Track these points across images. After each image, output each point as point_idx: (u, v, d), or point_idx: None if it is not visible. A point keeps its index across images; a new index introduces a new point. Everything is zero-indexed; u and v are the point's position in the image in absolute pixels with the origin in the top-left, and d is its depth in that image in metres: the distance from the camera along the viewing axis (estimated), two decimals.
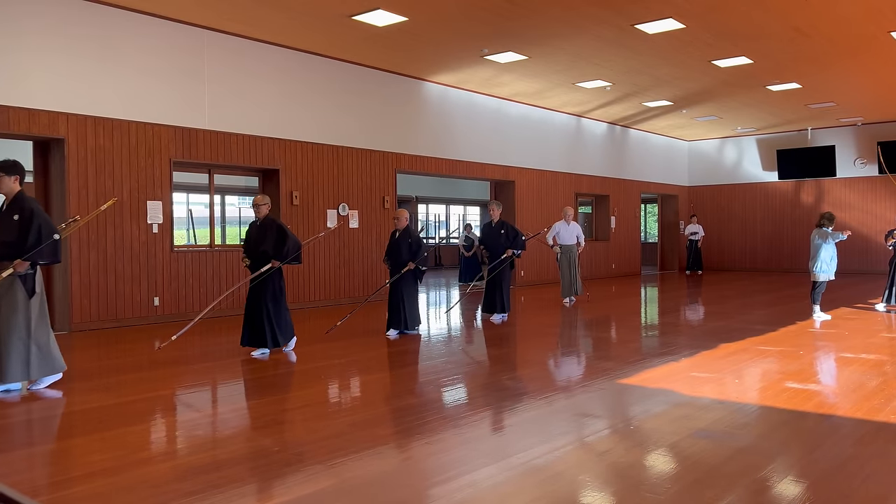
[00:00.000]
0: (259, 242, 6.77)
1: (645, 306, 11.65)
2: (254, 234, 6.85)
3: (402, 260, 7.89)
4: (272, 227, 6.82)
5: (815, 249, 8.90)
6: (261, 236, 6.78)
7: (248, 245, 6.90)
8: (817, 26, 9.57)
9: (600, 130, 17.30)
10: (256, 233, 6.83)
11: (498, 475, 3.40)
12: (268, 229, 6.80)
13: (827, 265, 8.86)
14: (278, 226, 6.83)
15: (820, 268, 8.86)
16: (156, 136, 9.05)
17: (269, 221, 6.87)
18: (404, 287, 7.85)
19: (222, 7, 8.68)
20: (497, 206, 9.66)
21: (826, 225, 8.86)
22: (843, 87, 13.59)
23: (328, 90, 11.02)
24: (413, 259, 7.86)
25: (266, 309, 6.70)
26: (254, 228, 6.91)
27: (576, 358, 6.57)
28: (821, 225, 8.90)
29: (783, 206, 19.41)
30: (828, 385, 5.52)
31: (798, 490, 3.20)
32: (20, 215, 4.99)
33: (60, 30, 8.14)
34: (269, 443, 3.96)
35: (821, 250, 8.82)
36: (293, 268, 10.63)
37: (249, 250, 6.85)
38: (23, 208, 5.01)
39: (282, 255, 6.70)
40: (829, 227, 8.87)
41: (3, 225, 4.96)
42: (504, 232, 9.44)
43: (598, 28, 9.55)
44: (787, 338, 7.61)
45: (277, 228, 6.80)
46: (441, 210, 23.90)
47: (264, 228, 6.82)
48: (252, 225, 6.98)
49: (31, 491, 3.21)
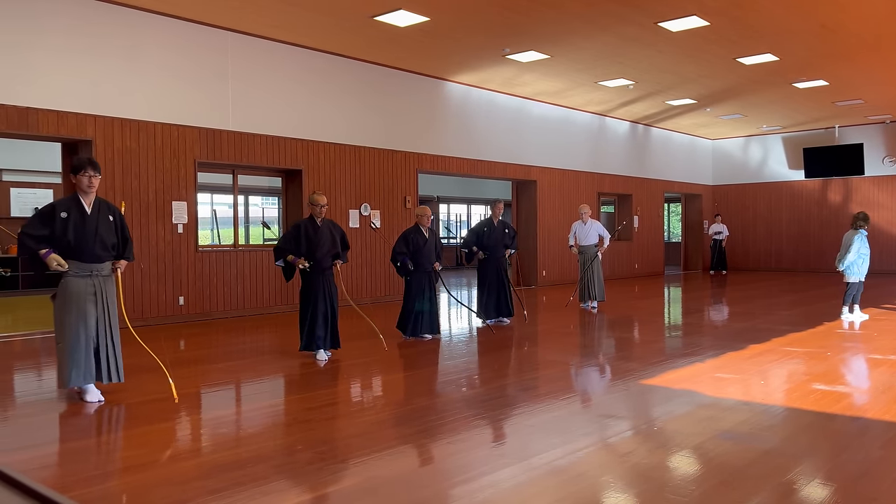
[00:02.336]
0: (322, 244, 6.38)
1: (668, 307, 11.55)
2: (312, 235, 6.39)
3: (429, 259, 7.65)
4: (336, 227, 6.58)
5: (845, 249, 8.70)
6: (324, 237, 6.42)
7: (307, 246, 6.37)
8: (843, 22, 9.42)
9: (623, 129, 17.18)
10: (317, 234, 6.41)
11: (520, 475, 3.39)
12: (332, 230, 6.53)
13: (858, 267, 8.70)
14: (338, 226, 6.64)
15: (850, 269, 8.69)
16: (181, 137, 9.16)
17: (331, 222, 6.59)
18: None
19: (246, 9, 8.76)
20: (503, 204, 9.09)
21: (862, 226, 8.71)
22: (871, 84, 13.36)
23: (350, 91, 11.07)
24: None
25: (336, 311, 6.53)
26: (310, 229, 6.42)
27: (598, 358, 6.53)
28: (857, 227, 8.73)
29: (809, 205, 19.13)
30: (856, 387, 5.43)
31: (825, 493, 3.15)
32: (114, 216, 4.94)
33: (87, 34, 8.26)
34: (292, 441, 3.99)
35: (850, 251, 8.64)
36: None
37: (310, 252, 6.37)
38: (111, 209, 4.97)
39: (346, 256, 6.61)
40: (864, 227, 8.72)
41: (104, 227, 4.85)
42: (507, 231, 8.93)
43: (621, 26, 9.49)
44: (813, 339, 7.50)
45: (340, 229, 6.62)
46: (463, 210, 23.90)
47: (327, 229, 6.49)
48: (305, 226, 6.44)
49: (59, 487, 3.27)
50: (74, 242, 4.72)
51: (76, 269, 4.76)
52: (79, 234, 4.73)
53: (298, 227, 6.45)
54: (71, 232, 4.71)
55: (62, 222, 4.71)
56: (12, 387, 5.76)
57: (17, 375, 6.27)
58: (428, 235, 7.62)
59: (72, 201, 4.81)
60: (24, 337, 8.11)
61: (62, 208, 4.75)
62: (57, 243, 4.70)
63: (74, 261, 4.74)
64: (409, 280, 7.65)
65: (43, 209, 4.83)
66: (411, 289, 7.62)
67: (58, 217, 4.71)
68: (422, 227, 7.64)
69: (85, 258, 4.77)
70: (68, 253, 4.72)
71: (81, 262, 4.77)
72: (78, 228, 4.73)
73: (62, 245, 4.70)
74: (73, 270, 4.74)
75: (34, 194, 14.03)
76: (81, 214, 4.78)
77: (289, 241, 6.44)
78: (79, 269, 4.77)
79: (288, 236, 6.49)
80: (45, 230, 4.69)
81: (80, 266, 4.77)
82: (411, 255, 7.55)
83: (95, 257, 4.81)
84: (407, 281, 7.69)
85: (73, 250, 4.73)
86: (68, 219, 4.72)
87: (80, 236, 4.74)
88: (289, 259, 6.38)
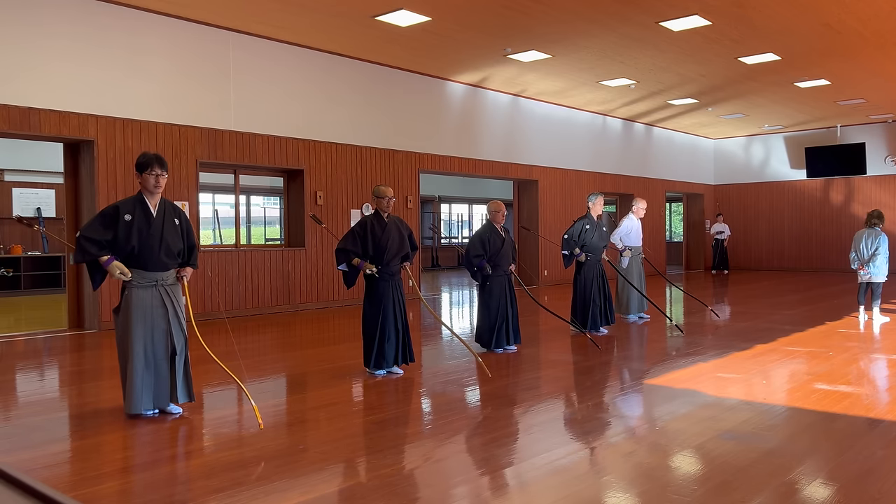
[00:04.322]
0: (391, 244, 5.69)
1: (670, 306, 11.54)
2: (380, 234, 5.66)
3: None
4: (404, 225, 5.87)
5: (871, 249, 8.60)
6: (393, 237, 5.72)
7: (374, 247, 5.66)
8: (846, 21, 9.41)
9: (624, 129, 17.17)
10: (384, 232, 5.68)
11: (522, 475, 3.39)
12: (401, 227, 5.82)
13: (885, 266, 8.64)
14: (405, 223, 5.95)
15: (879, 269, 8.60)
16: (182, 138, 9.17)
17: (398, 219, 5.86)
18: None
19: (248, 9, 8.77)
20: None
21: (877, 224, 8.62)
22: (873, 84, 13.34)
23: (352, 90, 11.08)
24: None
25: (406, 321, 5.85)
26: (377, 227, 5.69)
27: (601, 357, 6.52)
28: (872, 224, 8.65)
29: (812, 204, 19.11)
30: (858, 386, 5.42)
31: (827, 493, 3.15)
32: (180, 219, 4.50)
33: (89, 34, 8.27)
34: (294, 441, 3.99)
35: (879, 252, 8.54)
36: (318, 267, 10.71)
37: (377, 254, 5.66)
38: (177, 211, 4.54)
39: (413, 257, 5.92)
40: (879, 225, 8.63)
41: (170, 231, 4.41)
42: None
43: (623, 26, 9.48)
44: (816, 338, 7.49)
45: (408, 226, 5.95)
46: (464, 209, 23.90)
47: (395, 227, 5.76)
48: (371, 224, 5.70)
49: (61, 486, 3.27)
50: (139, 249, 4.30)
51: (140, 278, 4.34)
52: (144, 240, 4.30)
53: (364, 225, 5.67)
54: (135, 237, 4.28)
55: (126, 226, 4.26)
56: (14, 386, 5.77)
57: (18, 375, 6.28)
58: (504, 234, 6.81)
59: (136, 202, 4.35)
60: (26, 337, 8.12)
61: (126, 210, 4.30)
62: (119, 250, 4.28)
63: (138, 269, 4.34)
64: (488, 286, 6.76)
65: (105, 210, 4.35)
66: (492, 294, 6.73)
67: (121, 220, 4.26)
68: (496, 224, 6.77)
69: (150, 266, 4.35)
70: (132, 260, 4.31)
71: (146, 270, 4.35)
72: (143, 233, 4.30)
73: (125, 252, 4.29)
74: (136, 280, 4.33)
75: (36, 194, 14.06)
76: (147, 218, 4.34)
77: (354, 241, 5.65)
78: (143, 279, 4.35)
79: (352, 236, 5.67)
80: (107, 234, 4.25)
81: (145, 275, 4.35)
82: (489, 258, 6.71)
83: (161, 265, 4.39)
84: (486, 287, 6.77)
85: (138, 258, 4.32)
86: (132, 222, 4.28)
87: (146, 242, 4.31)
88: (354, 263, 5.61)
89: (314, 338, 8.33)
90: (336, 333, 8.14)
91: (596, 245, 7.99)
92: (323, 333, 8.66)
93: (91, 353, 7.24)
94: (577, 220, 8.10)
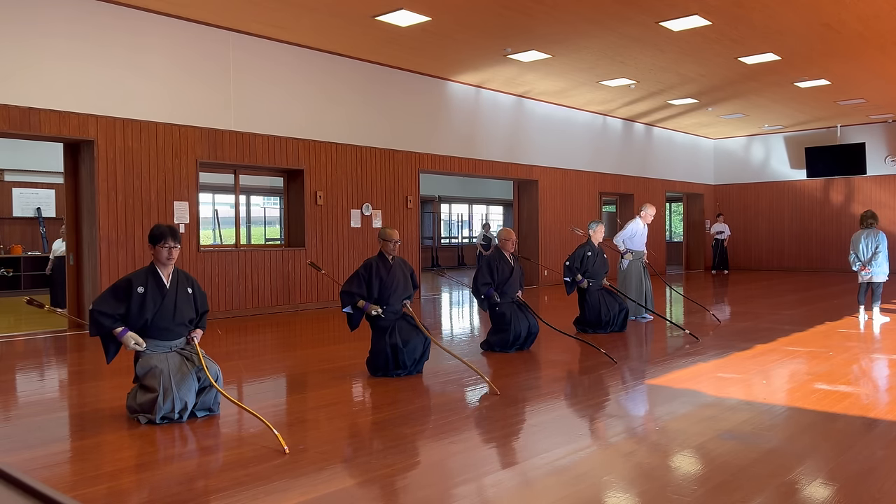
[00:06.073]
0: (396, 286, 5.73)
1: (670, 306, 11.54)
2: (385, 276, 5.70)
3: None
4: (406, 265, 5.94)
5: (871, 249, 8.60)
6: (398, 278, 5.76)
7: (379, 289, 5.69)
8: (846, 21, 9.41)
9: (624, 129, 17.17)
10: (389, 274, 5.72)
11: (522, 475, 3.39)
12: (404, 268, 5.87)
13: (886, 266, 8.64)
14: (407, 263, 6.01)
15: (881, 268, 8.60)
16: (182, 137, 9.17)
17: (401, 260, 5.92)
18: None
19: (248, 9, 8.77)
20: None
21: (872, 224, 8.64)
22: (873, 84, 13.35)
23: (352, 90, 11.08)
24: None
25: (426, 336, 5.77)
26: (382, 269, 5.73)
27: (601, 357, 6.52)
28: (869, 225, 8.66)
29: (812, 204, 19.11)
30: (858, 387, 5.42)
31: (828, 493, 3.15)
32: (192, 288, 4.60)
33: (89, 34, 8.27)
34: (294, 441, 3.99)
35: (880, 249, 8.55)
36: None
37: (382, 295, 5.69)
38: (189, 280, 4.64)
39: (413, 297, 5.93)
40: (875, 224, 8.66)
41: (183, 301, 4.50)
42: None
43: (623, 26, 9.48)
44: (816, 338, 7.49)
45: (410, 266, 6.00)
46: (464, 210, 23.90)
47: (399, 268, 5.81)
48: (376, 266, 5.74)
49: (61, 486, 3.27)
50: (153, 321, 4.38)
51: (154, 347, 4.43)
52: (157, 312, 4.38)
53: (369, 266, 5.72)
54: (149, 309, 4.36)
55: (139, 298, 4.35)
56: (14, 386, 5.77)
57: (19, 375, 6.28)
58: (513, 262, 6.80)
59: (149, 274, 4.44)
60: (26, 337, 8.12)
61: (139, 282, 4.38)
62: (133, 322, 4.36)
63: (152, 339, 4.42)
64: (499, 311, 6.75)
65: (117, 283, 4.45)
66: (504, 316, 6.72)
67: (134, 292, 4.35)
68: (505, 252, 6.78)
69: (164, 336, 4.45)
70: (145, 331, 4.39)
71: (160, 340, 4.44)
72: (156, 305, 4.39)
73: (139, 324, 4.37)
74: (150, 349, 4.41)
75: (36, 194, 14.06)
76: (160, 289, 4.42)
77: (360, 284, 5.68)
78: (157, 348, 4.44)
79: (357, 279, 5.70)
80: (120, 307, 4.34)
81: (159, 344, 4.44)
82: (497, 285, 6.71)
83: (175, 335, 4.50)
84: (497, 313, 6.76)
85: (151, 329, 4.40)
86: (146, 294, 4.37)
87: (159, 314, 4.39)
88: (359, 305, 5.64)
89: (314, 338, 8.33)
90: (336, 333, 8.14)
91: (597, 271, 8.07)
92: (323, 333, 8.66)
93: (91, 354, 7.24)
94: (579, 248, 8.18)
